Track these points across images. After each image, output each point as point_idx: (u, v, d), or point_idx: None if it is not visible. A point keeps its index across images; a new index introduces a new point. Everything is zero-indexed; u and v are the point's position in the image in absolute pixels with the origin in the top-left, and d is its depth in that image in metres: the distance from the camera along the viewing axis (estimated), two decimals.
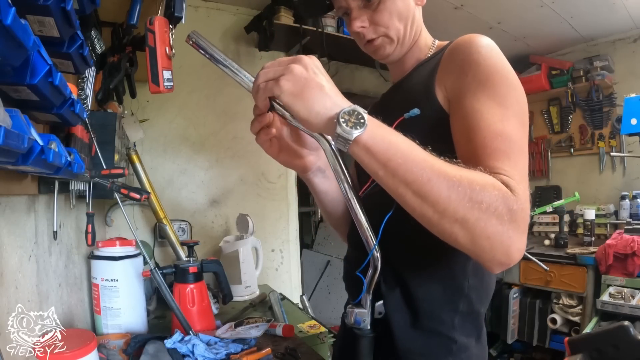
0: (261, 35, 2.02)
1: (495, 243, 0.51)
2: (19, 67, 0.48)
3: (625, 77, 2.73)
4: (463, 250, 0.54)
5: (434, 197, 0.50)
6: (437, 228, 0.52)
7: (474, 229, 0.50)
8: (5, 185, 0.66)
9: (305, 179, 0.78)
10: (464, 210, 0.49)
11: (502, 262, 0.53)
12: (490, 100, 0.59)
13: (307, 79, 0.51)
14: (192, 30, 0.61)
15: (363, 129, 0.49)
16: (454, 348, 0.69)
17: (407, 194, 0.51)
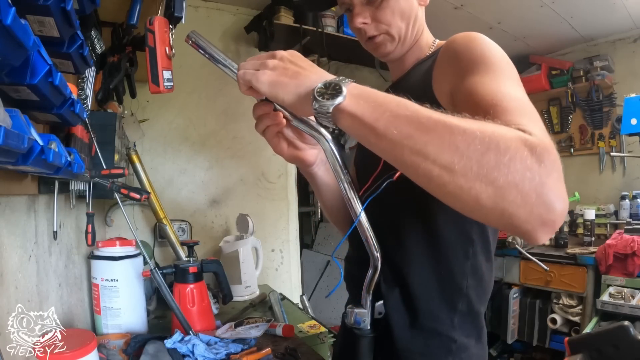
0: (261, 35, 2.02)
1: (527, 192, 0.40)
2: (19, 67, 0.48)
3: (625, 77, 2.73)
4: (491, 221, 0.44)
5: (435, 148, 0.43)
6: (451, 190, 0.43)
7: (495, 179, 0.41)
8: (5, 185, 0.66)
9: (308, 173, 0.78)
10: (477, 158, 0.41)
11: (544, 218, 0.41)
12: (489, 73, 0.57)
13: (283, 68, 0.52)
14: (191, 30, 0.62)
15: (341, 98, 0.47)
16: (454, 348, 0.69)
17: (405, 152, 0.44)
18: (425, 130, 0.43)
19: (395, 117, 0.45)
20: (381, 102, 0.47)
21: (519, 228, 0.42)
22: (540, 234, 0.42)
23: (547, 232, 0.42)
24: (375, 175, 0.71)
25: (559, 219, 0.42)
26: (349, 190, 0.61)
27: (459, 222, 0.68)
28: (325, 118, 0.49)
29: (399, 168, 0.47)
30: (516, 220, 0.42)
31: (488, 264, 0.72)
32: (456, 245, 0.69)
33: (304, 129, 0.60)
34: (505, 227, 0.44)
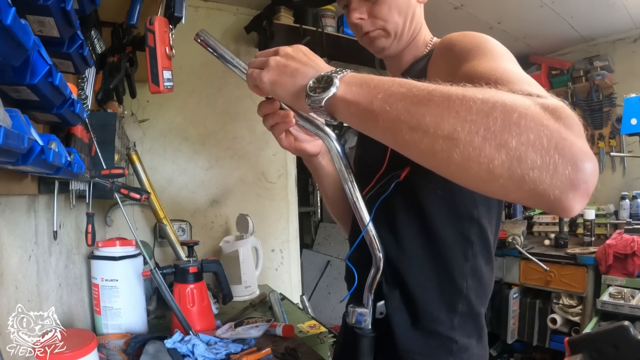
0: (261, 35, 2.02)
1: (546, 150, 0.35)
2: (19, 67, 0.48)
3: (625, 77, 2.73)
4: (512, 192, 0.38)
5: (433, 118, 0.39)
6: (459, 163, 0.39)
7: (506, 141, 0.36)
8: (5, 185, 0.66)
9: (312, 164, 0.79)
10: (481, 120, 0.37)
11: (572, 179, 0.35)
12: (486, 56, 0.56)
13: (284, 66, 0.53)
14: (200, 29, 0.62)
15: (333, 88, 0.47)
16: (455, 348, 0.69)
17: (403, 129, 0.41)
18: (420, 102, 0.40)
19: (389, 95, 0.43)
20: (375, 85, 0.45)
21: (545, 197, 0.36)
22: (572, 200, 0.36)
23: (579, 197, 0.36)
24: (379, 175, 0.71)
25: (590, 180, 0.36)
26: (353, 191, 0.61)
27: (457, 223, 0.68)
28: (320, 112, 0.49)
29: (401, 150, 0.44)
30: (540, 186, 0.35)
31: (488, 265, 0.72)
32: (455, 247, 0.69)
33: (310, 128, 0.60)
34: (529, 198, 0.37)
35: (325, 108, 0.48)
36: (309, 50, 0.55)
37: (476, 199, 0.68)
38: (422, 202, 0.69)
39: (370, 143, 0.81)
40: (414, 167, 0.67)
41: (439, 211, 0.68)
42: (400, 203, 0.70)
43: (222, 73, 2.06)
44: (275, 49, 0.55)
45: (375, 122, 0.44)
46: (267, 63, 0.54)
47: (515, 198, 0.39)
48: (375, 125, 0.45)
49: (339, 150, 0.59)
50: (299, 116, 0.60)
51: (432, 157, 0.41)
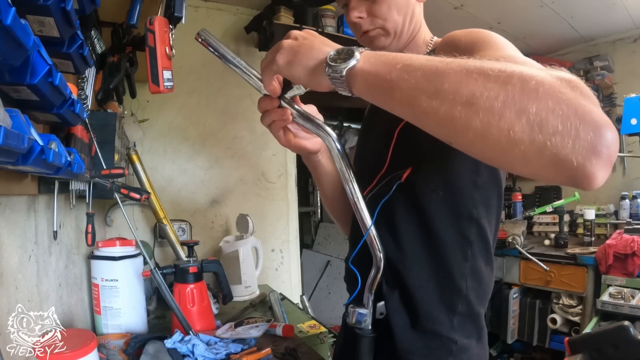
0: (261, 35, 2.02)
1: (566, 115, 0.35)
2: (19, 67, 0.48)
3: (625, 77, 2.73)
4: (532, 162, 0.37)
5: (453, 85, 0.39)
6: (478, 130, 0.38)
7: (526, 106, 0.36)
8: (5, 185, 0.66)
9: (311, 161, 0.78)
10: (500, 87, 0.37)
11: (594, 144, 0.35)
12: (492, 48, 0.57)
13: (298, 46, 0.53)
14: (201, 28, 0.61)
15: (354, 60, 0.47)
16: (454, 349, 0.69)
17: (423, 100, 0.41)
18: (438, 70, 0.41)
19: (408, 65, 0.44)
20: (393, 57, 0.46)
21: (568, 163, 0.35)
22: (595, 167, 0.35)
23: (602, 164, 0.35)
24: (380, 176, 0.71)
25: (613, 146, 0.35)
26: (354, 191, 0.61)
27: (457, 223, 0.68)
28: (340, 83, 0.49)
29: (418, 121, 0.44)
30: (563, 151, 0.35)
31: (488, 266, 0.72)
32: (454, 247, 0.69)
33: (310, 127, 0.60)
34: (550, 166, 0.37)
35: (345, 79, 0.48)
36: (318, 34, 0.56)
37: (476, 198, 0.68)
38: (422, 203, 0.69)
39: (370, 143, 0.81)
40: (416, 168, 0.67)
41: (439, 211, 0.68)
42: (400, 203, 0.70)
43: (222, 73, 2.06)
44: (287, 34, 0.55)
45: (393, 92, 0.44)
46: (280, 46, 0.53)
47: (534, 167, 0.38)
48: (392, 96, 0.45)
49: (339, 150, 0.59)
50: (299, 116, 0.60)
51: (450, 125, 0.40)
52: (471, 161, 0.66)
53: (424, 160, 0.68)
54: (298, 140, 0.70)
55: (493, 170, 0.69)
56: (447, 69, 0.41)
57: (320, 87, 0.53)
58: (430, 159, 0.68)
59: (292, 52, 0.53)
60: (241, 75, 0.61)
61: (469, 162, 0.67)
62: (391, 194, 0.67)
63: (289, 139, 0.68)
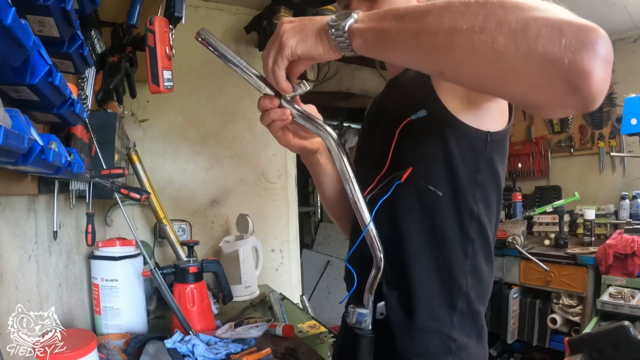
0: (261, 35, 2.02)
1: (547, 20, 0.35)
2: (19, 67, 0.48)
3: (625, 77, 2.73)
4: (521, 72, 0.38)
5: (435, 18, 0.42)
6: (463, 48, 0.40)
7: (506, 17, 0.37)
8: (5, 185, 0.66)
9: (311, 161, 0.79)
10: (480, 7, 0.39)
11: (582, 39, 0.34)
12: None
13: (299, 23, 0.55)
14: (201, 28, 0.61)
15: (352, 18, 0.51)
16: (454, 347, 0.69)
17: (411, 36, 0.45)
18: (423, 10, 0.44)
19: (396, 15, 0.47)
20: (385, 12, 0.50)
21: (558, 63, 0.35)
22: (588, 60, 0.34)
23: (595, 58, 0.34)
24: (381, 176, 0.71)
25: (602, 41, 0.34)
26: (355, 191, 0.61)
27: (457, 220, 0.69)
28: (343, 41, 0.51)
29: (413, 62, 0.49)
30: (550, 51, 0.35)
31: (488, 264, 0.72)
32: (455, 244, 0.69)
33: (310, 127, 0.60)
34: (541, 71, 0.36)
35: (347, 36, 0.51)
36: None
37: (476, 196, 0.68)
38: (422, 202, 0.69)
39: (371, 143, 0.81)
40: (416, 168, 0.67)
41: (440, 209, 0.68)
42: (401, 203, 0.70)
43: (222, 73, 2.06)
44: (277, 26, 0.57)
45: (385, 38, 0.48)
46: (280, 32, 0.54)
47: (527, 79, 0.38)
48: (385, 42, 0.48)
49: (339, 150, 0.59)
50: (300, 115, 0.60)
51: (436, 52, 0.43)
52: (471, 158, 0.67)
53: (424, 160, 0.68)
54: (297, 140, 0.70)
55: (493, 167, 0.69)
56: (430, 7, 0.44)
57: (329, 54, 0.54)
58: (430, 158, 0.68)
59: (297, 30, 0.54)
60: (241, 75, 0.61)
61: (469, 160, 0.67)
62: (390, 193, 0.67)
63: (288, 138, 0.69)
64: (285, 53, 0.54)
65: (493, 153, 0.67)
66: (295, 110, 0.60)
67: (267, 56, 0.56)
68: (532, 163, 3.13)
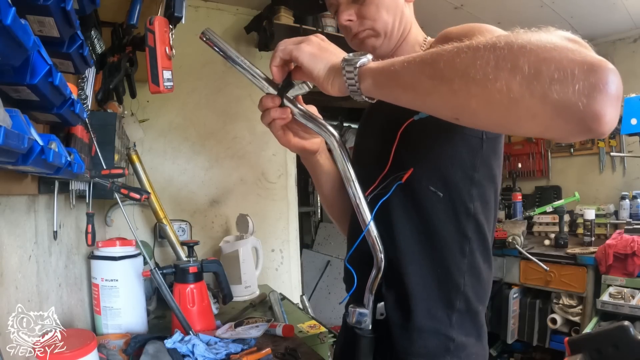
0: (261, 35, 2.02)
1: (558, 62, 0.36)
2: (19, 67, 0.48)
3: (625, 77, 2.65)
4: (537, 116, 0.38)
5: (447, 62, 0.42)
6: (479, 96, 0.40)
7: (517, 61, 0.37)
8: (5, 185, 0.66)
9: (310, 162, 0.79)
10: (491, 52, 0.39)
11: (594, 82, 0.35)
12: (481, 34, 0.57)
13: (324, 46, 0.57)
14: (206, 28, 0.62)
15: (365, 58, 0.52)
16: (452, 347, 0.69)
17: (425, 80, 0.45)
18: (434, 55, 0.45)
19: (408, 58, 0.48)
20: (397, 58, 0.50)
21: (573, 108, 0.35)
22: (600, 104, 0.35)
23: (607, 100, 0.35)
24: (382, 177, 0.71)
25: (614, 81, 0.36)
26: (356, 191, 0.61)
27: (454, 219, 0.69)
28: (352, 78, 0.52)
29: (425, 107, 0.49)
30: (564, 97, 0.35)
31: (486, 263, 0.72)
32: (452, 243, 0.69)
33: (313, 126, 0.60)
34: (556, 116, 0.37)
35: (357, 73, 0.52)
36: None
37: (473, 194, 0.68)
38: (421, 202, 0.69)
39: (370, 143, 0.81)
40: (417, 169, 0.67)
41: (437, 208, 0.68)
42: (398, 203, 0.70)
43: (222, 73, 2.06)
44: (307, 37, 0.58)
45: (397, 81, 0.49)
46: (309, 39, 0.57)
47: (543, 120, 0.38)
48: (397, 84, 0.49)
49: (341, 149, 0.59)
50: (301, 115, 0.60)
51: (452, 98, 0.43)
52: (468, 157, 0.67)
53: (424, 161, 0.68)
54: (297, 140, 0.70)
55: (489, 165, 0.69)
56: (441, 52, 0.44)
57: (333, 88, 0.55)
58: (430, 159, 0.68)
59: (320, 48, 0.56)
60: (245, 75, 0.61)
61: (465, 158, 0.67)
62: (390, 194, 0.67)
63: (288, 138, 0.69)
64: (293, 52, 0.56)
65: (489, 151, 0.68)
66: (297, 109, 0.60)
67: (286, 41, 0.58)
68: (532, 163, 3.12)
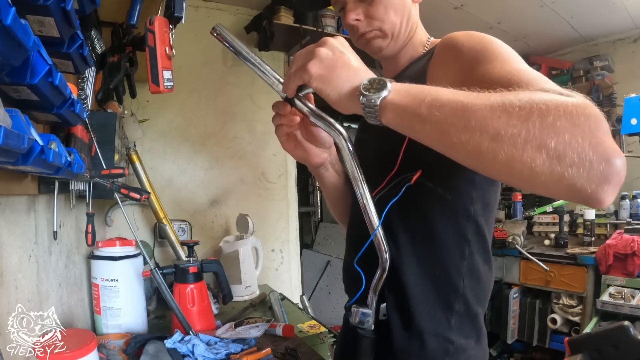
0: (261, 35, 2.02)
1: (581, 148, 0.39)
2: (19, 67, 0.48)
3: (625, 77, 2.73)
4: (551, 188, 0.42)
5: (480, 122, 0.42)
6: (504, 162, 0.42)
7: (545, 142, 0.39)
8: (5, 185, 0.66)
9: (315, 174, 0.79)
10: (522, 123, 0.40)
11: (605, 173, 0.39)
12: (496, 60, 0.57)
13: (334, 60, 0.52)
14: (216, 23, 0.61)
15: (386, 91, 0.49)
16: (451, 349, 0.68)
17: (451, 131, 0.44)
18: (465, 107, 0.44)
19: (436, 99, 0.46)
20: (421, 90, 0.48)
21: (583, 191, 0.40)
22: (606, 192, 0.40)
23: (611, 190, 0.40)
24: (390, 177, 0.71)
25: (621, 171, 0.40)
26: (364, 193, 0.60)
27: (453, 221, 0.68)
28: (372, 112, 0.50)
29: (447, 152, 0.47)
30: (578, 181, 0.39)
31: (486, 264, 0.72)
32: (451, 245, 0.69)
33: (322, 125, 0.59)
34: (567, 193, 0.41)
35: (378, 109, 0.49)
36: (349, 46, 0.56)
37: (473, 196, 0.68)
38: (426, 204, 0.68)
39: (368, 144, 0.81)
40: (425, 171, 0.67)
41: (437, 210, 0.68)
42: (399, 203, 0.70)
43: (222, 73, 2.06)
44: (322, 40, 0.55)
45: (423, 125, 0.47)
46: (314, 54, 0.52)
47: (553, 193, 0.43)
48: (423, 130, 0.47)
49: (350, 150, 0.59)
50: (311, 114, 0.59)
51: (478, 157, 0.44)
52: None
53: (433, 163, 0.68)
54: (301, 152, 0.70)
55: None
56: (472, 106, 0.43)
57: (347, 111, 0.53)
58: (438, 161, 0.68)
59: (328, 67, 0.52)
60: (255, 71, 0.60)
61: None
62: (399, 196, 0.67)
63: (291, 147, 0.69)
64: (304, 77, 0.53)
65: None
66: (307, 108, 0.59)
67: (294, 63, 0.55)
68: None
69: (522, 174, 0.42)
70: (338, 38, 0.55)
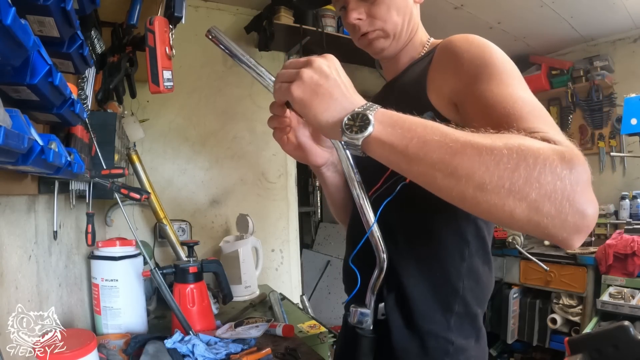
0: (261, 35, 2.02)
1: (559, 202, 0.41)
2: (19, 67, 0.48)
3: (625, 77, 2.73)
4: (527, 231, 0.45)
5: (466, 171, 0.43)
6: (485, 208, 0.44)
7: (527, 194, 0.42)
8: (5, 185, 0.66)
9: (317, 173, 0.79)
10: (508, 175, 0.42)
11: (578, 225, 0.42)
12: (495, 78, 0.58)
13: (317, 85, 0.51)
14: (212, 26, 0.61)
15: (370, 129, 0.48)
16: (451, 350, 0.68)
17: (437, 176, 0.45)
18: (454, 153, 0.44)
19: (424, 142, 0.46)
20: (408, 128, 0.47)
21: (554, 237, 0.44)
22: (575, 240, 0.44)
23: (581, 238, 0.44)
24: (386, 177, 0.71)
25: (592, 223, 0.43)
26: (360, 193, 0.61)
27: (453, 223, 0.68)
28: (355, 149, 0.50)
29: (432, 191, 0.48)
30: (552, 230, 0.43)
31: (486, 265, 0.72)
32: (451, 247, 0.69)
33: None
34: (540, 236, 0.46)
35: (360, 147, 0.49)
36: (340, 66, 0.54)
37: None
38: (423, 204, 0.68)
39: None
40: None
41: (437, 211, 0.68)
42: (399, 203, 0.70)
43: (222, 73, 2.06)
44: (308, 59, 0.53)
45: (409, 165, 0.47)
46: (299, 75, 0.51)
47: (529, 233, 0.47)
48: (408, 168, 0.48)
49: (346, 151, 0.59)
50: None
51: (461, 201, 0.46)
52: None
53: None
54: (301, 152, 0.71)
55: None
56: (462, 153, 0.44)
57: (330, 137, 0.54)
58: None
59: (309, 92, 0.51)
60: (250, 73, 0.60)
61: None
62: (394, 195, 0.67)
63: (289, 148, 0.70)
64: (287, 96, 0.52)
65: None
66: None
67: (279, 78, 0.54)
68: None
69: (501, 219, 0.45)
70: (327, 57, 0.54)
